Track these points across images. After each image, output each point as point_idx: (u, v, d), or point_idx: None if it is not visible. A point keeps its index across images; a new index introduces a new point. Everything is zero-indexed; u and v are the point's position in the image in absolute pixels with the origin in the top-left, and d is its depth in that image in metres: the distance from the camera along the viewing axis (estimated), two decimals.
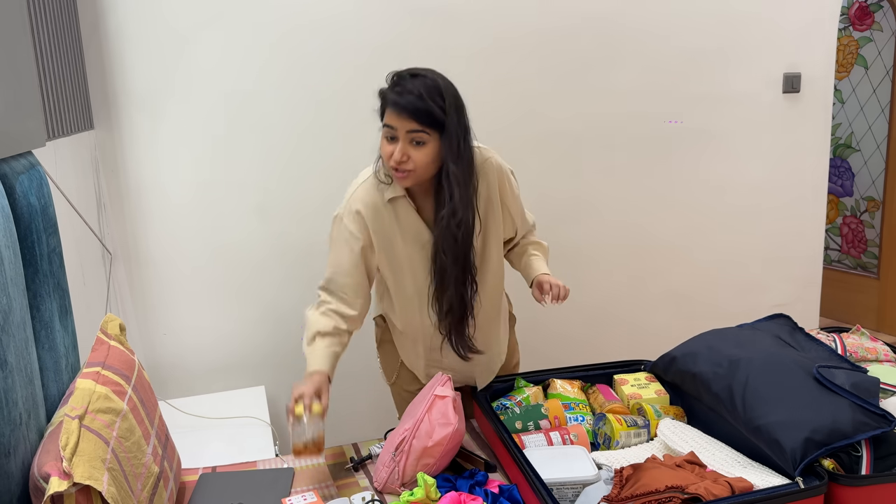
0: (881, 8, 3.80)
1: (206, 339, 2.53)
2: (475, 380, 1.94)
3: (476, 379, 1.93)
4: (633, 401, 1.80)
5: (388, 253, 1.75)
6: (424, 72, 1.64)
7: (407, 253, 1.74)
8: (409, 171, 1.62)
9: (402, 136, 1.60)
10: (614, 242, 2.90)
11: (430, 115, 1.58)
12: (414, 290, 1.78)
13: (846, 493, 1.38)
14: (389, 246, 1.74)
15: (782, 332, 1.85)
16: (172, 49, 2.31)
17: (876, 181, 3.94)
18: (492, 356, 1.92)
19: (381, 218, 1.72)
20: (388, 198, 1.71)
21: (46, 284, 1.43)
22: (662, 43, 2.78)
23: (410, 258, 1.75)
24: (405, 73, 1.64)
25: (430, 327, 1.81)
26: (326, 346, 1.72)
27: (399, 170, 1.63)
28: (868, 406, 1.47)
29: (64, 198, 1.91)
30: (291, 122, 2.46)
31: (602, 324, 2.95)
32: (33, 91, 1.53)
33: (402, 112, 1.58)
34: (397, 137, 1.61)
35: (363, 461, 1.71)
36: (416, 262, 1.75)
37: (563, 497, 1.47)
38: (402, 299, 1.81)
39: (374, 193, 1.72)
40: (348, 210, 1.74)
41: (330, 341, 1.73)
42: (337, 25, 2.43)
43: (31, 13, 1.74)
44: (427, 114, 1.58)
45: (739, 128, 2.95)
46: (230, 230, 2.47)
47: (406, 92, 1.59)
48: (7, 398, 1.16)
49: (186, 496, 1.61)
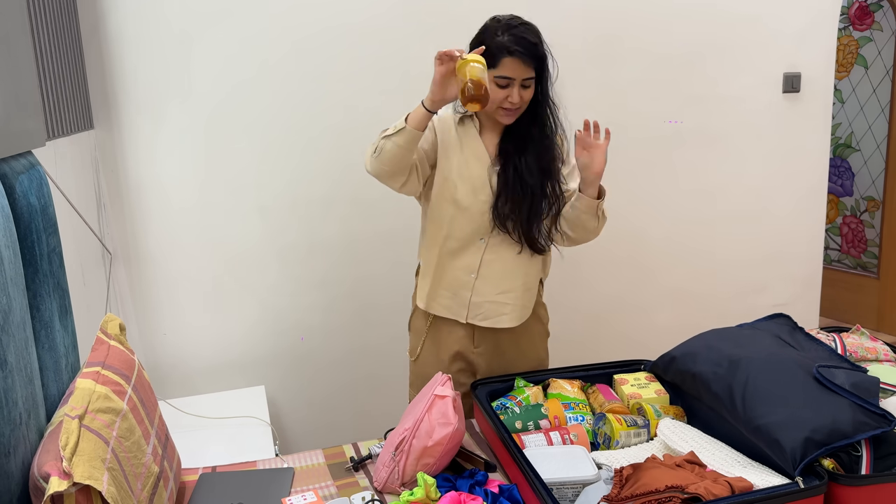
0: (881, 8, 3.81)
1: (206, 339, 2.53)
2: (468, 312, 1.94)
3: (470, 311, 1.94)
4: (632, 401, 1.80)
5: (445, 156, 1.89)
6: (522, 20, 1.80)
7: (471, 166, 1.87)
8: (518, 108, 1.80)
9: (518, 82, 1.76)
10: (614, 242, 2.90)
11: (542, 62, 1.77)
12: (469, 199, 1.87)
13: (846, 492, 1.38)
14: (449, 152, 1.89)
15: (782, 332, 1.85)
16: (172, 49, 2.31)
17: (876, 181, 3.94)
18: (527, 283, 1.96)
19: (447, 129, 1.90)
20: (459, 118, 1.90)
21: (46, 284, 1.43)
22: (662, 43, 2.78)
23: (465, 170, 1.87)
24: (514, 22, 1.77)
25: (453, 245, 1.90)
26: (458, 256, 1.91)
27: (511, 110, 1.79)
28: (868, 406, 1.47)
29: (64, 198, 1.91)
30: (291, 122, 2.46)
31: (602, 324, 2.95)
32: (33, 91, 1.53)
33: (525, 60, 1.74)
34: (512, 84, 1.75)
35: (363, 461, 1.71)
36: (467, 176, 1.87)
37: (563, 497, 1.47)
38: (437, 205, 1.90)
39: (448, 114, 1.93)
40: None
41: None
42: (336, 26, 2.43)
43: (31, 13, 1.75)
44: (541, 61, 1.77)
45: (739, 128, 2.95)
46: (230, 230, 2.47)
47: (523, 41, 1.73)
48: (7, 398, 1.16)
49: (186, 496, 1.61)
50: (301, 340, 2.62)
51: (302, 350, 2.62)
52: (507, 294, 1.92)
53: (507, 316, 1.93)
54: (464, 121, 1.91)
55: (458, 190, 1.87)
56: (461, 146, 1.90)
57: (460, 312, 1.95)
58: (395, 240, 2.62)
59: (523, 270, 1.93)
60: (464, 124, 1.91)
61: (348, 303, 2.64)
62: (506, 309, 1.93)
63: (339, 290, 2.62)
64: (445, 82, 1.70)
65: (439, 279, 1.94)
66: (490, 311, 1.93)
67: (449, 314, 1.96)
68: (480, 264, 1.91)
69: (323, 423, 2.68)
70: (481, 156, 1.89)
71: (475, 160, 1.88)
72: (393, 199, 2.61)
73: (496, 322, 1.93)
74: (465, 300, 1.93)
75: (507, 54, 1.73)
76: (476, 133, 1.90)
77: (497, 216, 1.86)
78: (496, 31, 1.77)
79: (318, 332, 2.63)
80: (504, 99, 1.77)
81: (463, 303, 1.93)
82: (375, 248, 2.63)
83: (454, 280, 1.93)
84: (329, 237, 2.57)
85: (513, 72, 1.74)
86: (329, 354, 2.65)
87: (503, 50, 1.73)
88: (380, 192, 2.59)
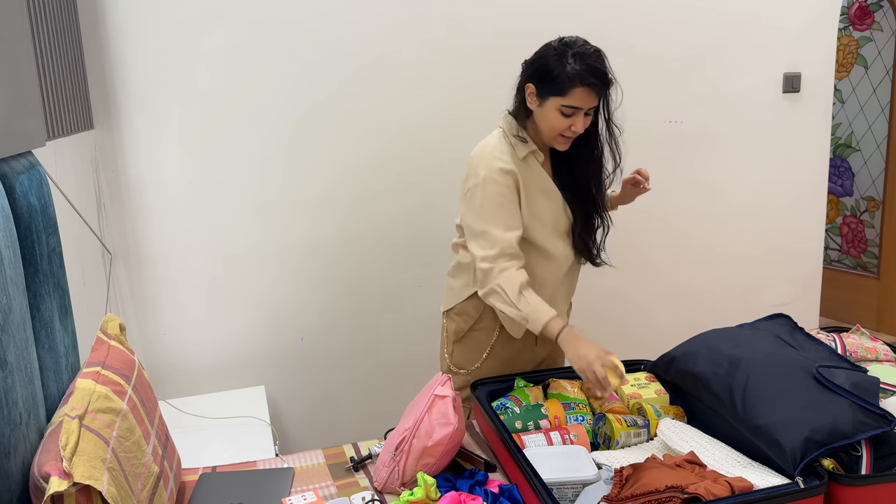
0: (881, 8, 3.81)
1: (206, 338, 2.53)
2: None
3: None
4: (633, 401, 1.80)
5: (528, 205, 1.83)
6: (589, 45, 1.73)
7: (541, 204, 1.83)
8: (573, 137, 1.77)
9: (583, 111, 1.72)
10: (614, 242, 2.88)
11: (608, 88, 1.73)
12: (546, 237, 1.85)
13: (846, 492, 1.38)
14: (528, 198, 1.82)
15: (782, 332, 1.84)
16: (172, 49, 2.31)
17: (876, 181, 3.94)
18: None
19: (522, 172, 1.80)
20: (523, 155, 1.80)
21: (46, 284, 1.43)
22: (662, 43, 2.78)
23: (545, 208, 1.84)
24: (588, 49, 1.70)
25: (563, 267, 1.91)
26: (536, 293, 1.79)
27: (569, 137, 1.76)
28: (868, 406, 1.46)
29: (64, 198, 1.91)
30: (291, 122, 2.46)
31: (602, 323, 2.95)
32: (33, 91, 1.53)
33: (598, 92, 1.70)
34: (577, 112, 1.71)
35: (363, 461, 1.71)
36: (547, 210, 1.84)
37: (563, 497, 1.47)
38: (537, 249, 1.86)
39: (508, 152, 1.79)
40: (493, 170, 1.77)
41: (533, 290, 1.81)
42: (336, 26, 2.44)
43: (31, 13, 1.75)
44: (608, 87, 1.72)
45: (739, 128, 2.95)
46: (230, 230, 2.47)
47: (597, 72, 1.68)
48: (7, 398, 1.16)
49: (186, 496, 1.61)
50: (301, 340, 2.62)
51: (302, 350, 2.62)
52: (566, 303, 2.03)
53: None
54: (527, 157, 1.81)
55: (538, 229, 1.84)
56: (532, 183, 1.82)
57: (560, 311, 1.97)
58: (396, 240, 2.62)
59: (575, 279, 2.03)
60: (527, 160, 1.81)
61: (348, 303, 2.64)
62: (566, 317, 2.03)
63: (339, 290, 2.63)
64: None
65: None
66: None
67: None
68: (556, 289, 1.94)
69: (323, 423, 2.68)
70: (552, 192, 1.84)
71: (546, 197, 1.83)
72: (393, 199, 2.62)
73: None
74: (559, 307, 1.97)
75: (579, 84, 1.67)
76: (540, 166, 1.83)
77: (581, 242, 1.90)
78: (566, 57, 1.69)
79: (318, 332, 2.63)
80: (567, 128, 1.73)
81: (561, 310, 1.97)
82: (375, 248, 2.63)
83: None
84: (329, 237, 2.57)
85: (582, 102, 1.70)
86: (329, 354, 2.65)
87: (575, 80, 1.67)
88: (380, 193, 2.60)
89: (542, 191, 1.83)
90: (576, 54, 1.68)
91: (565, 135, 1.75)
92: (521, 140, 1.79)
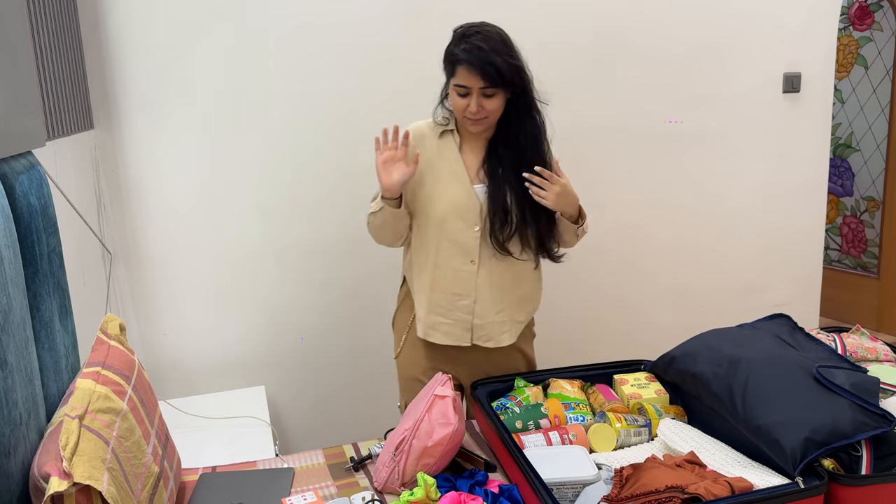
0: (881, 8, 3.80)
1: (206, 338, 2.53)
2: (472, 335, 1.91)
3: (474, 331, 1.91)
4: (633, 400, 1.80)
5: (418, 181, 1.85)
6: (485, 26, 1.77)
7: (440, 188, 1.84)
8: (483, 118, 1.77)
9: (475, 91, 1.73)
10: (614, 242, 2.90)
11: (499, 72, 1.70)
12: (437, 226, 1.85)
13: (846, 493, 1.38)
14: (421, 176, 1.85)
15: (782, 332, 1.84)
16: (172, 49, 2.31)
17: (876, 181, 3.94)
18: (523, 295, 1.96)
19: (424, 145, 1.86)
20: (440, 132, 1.87)
21: (46, 284, 1.43)
22: (662, 43, 2.78)
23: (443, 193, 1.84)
24: (472, 30, 1.75)
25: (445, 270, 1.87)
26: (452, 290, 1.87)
27: (474, 119, 1.77)
28: (868, 406, 1.46)
29: (64, 198, 1.91)
30: (291, 122, 2.46)
31: (602, 323, 2.95)
32: (33, 91, 1.53)
33: (475, 71, 1.70)
34: (470, 93, 1.73)
35: (363, 461, 1.71)
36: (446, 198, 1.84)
37: (563, 497, 1.47)
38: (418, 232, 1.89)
39: (426, 126, 1.89)
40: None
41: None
42: (337, 26, 2.43)
43: (31, 13, 1.75)
44: (499, 71, 1.70)
45: (739, 128, 2.95)
46: (230, 230, 2.47)
47: (475, 50, 1.70)
48: (7, 398, 1.16)
49: (186, 496, 1.61)
50: (301, 341, 2.62)
51: (302, 350, 2.62)
52: (504, 311, 1.90)
53: (508, 333, 1.92)
54: (444, 135, 1.88)
55: (438, 210, 1.84)
56: (439, 163, 1.86)
57: (464, 337, 1.91)
58: None
59: (517, 284, 1.91)
60: (443, 138, 1.87)
61: (348, 303, 2.64)
62: (504, 327, 1.91)
63: (339, 291, 2.62)
64: (388, 169, 1.75)
65: (437, 307, 1.89)
66: (492, 331, 1.91)
67: (451, 341, 1.91)
68: (477, 287, 1.88)
69: (323, 423, 2.68)
70: (460, 175, 1.85)
71: (454, 179, 1.85)
72: None
73: (498, 342, 1.92)
74: (468, 323, 1.90)
75: (460, 63, 1.73)
76: (455, 149, 1.86)
77: (495, 241, 1.84)
78: (454, 40, 1.77)
79: (319, 333, 2.63)
80: (465, 108, 1.76)
81: (466, 327, 1.90)
82: (375, 249, 2.62)
83: (452, 306, 1.88)
84: (329, 238, 2.57)
85: (467, 81, 1.73)
86: (329, 355, 2.65)
87: (459, 59, 1.73)
88: None
89: (450, 172, 1.86)
90: (461, 35, 1.75)
91: (467, 116, 1.77)
92: (443, 121, 1.88)
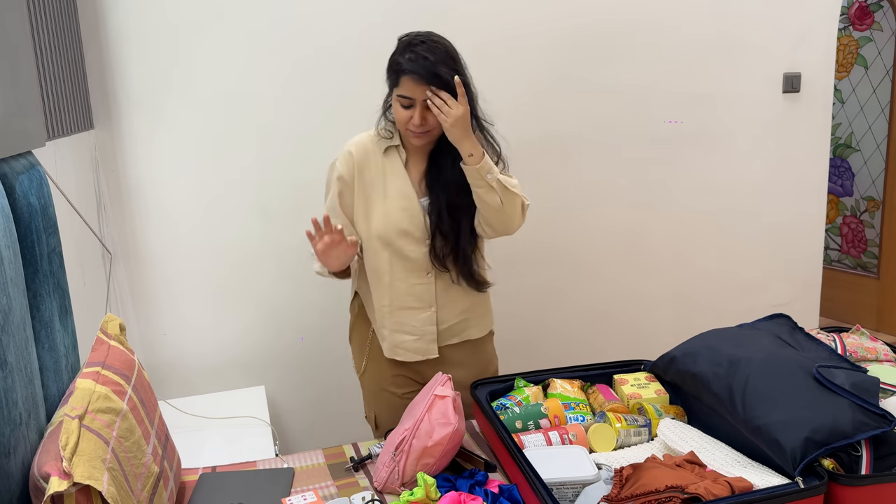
0: (881, 8, 3.80)
1: (206, 338, 2.53)
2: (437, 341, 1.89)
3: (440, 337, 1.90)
4: (633, 400, 1.80)
5: (366, 200, 1.82)
6: (431, 37, 1.72)
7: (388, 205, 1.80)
8: (426, 131, 1.73)
9: (419, 103, 1.69)
10: (614, 242, 2.90)
11: (445, 83, 1.66)
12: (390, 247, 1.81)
13: (846, 492, 1.38)
14: (369, 194, 1.81)
15: (782, 332, 1.84)
16: (172, 49, 2.31)
17: (876, 181, 3.94)
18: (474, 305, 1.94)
19: (369, 164, 1.81)
20: (384, 148, 1.81)
21: (46, 284, 1.43)
22: (662, 42, 2.78)
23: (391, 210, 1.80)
24: (417, 40, 1.70)
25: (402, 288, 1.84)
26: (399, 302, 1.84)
27: (416, 132, 1.72)
28: (868, 406, 1.46)
29: (64, 198, 1.91)
30: (291, 122, 2.46)
31: (602, 324, 2.95)
32: (33, 91, 1.53)
33: (420, 81, 1.66)
34: (414, 104, 1.69)
35: (363, 461, 1.71)
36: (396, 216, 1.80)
37: (563, 497, 1.47)
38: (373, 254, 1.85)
39: (368, 144, 1.83)
40: (341, 156, 1.84)
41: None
42: (337, 27, 2.44)
43: (31, 13, 1.75)
44: (443, 82, 1.66)
45: (739, 128, 2.95)
46: (230, 230, 2.47)
47: (420, 60, 1.66)
48: (7, 398, 1.16)
49: (186, 496, 1.61)
50: (301, 340, 2.62)
51: (302, 350, 2.62)
52: (468, 310, 1.91)
53: (475, 328, 1.94)
54: (389, 150, 1.81)
55: (389, 231, 1.80)
56: (385, 181, 1.81)
57: (430, 349, 1.89)
58: None
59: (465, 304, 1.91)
60: (388, 154, 1.82)
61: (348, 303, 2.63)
62: (471, 322, 1.93)
63: (338, 290, 2.62)
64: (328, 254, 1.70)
65: (400, 325, 1.87)
66: (458, 329, 1.92)
67: (419, 356, 1.89)
68: (436, 295, 1.86)
69: (323, 423, 2.68)
70: (408, 193, 1.80)
71: (402, 198, 1.80)
72: None
73: (467, 335, 1.93)
74: (433, 334, 1.88)
75: (405, 73, 1.67)
76: (401, 165, 1.81)
77: (435, 257, 1.81)
78: (398, 49, 1.72)
79: (318, 332, 2.62)
80: (408, 120, 1.70)
81: (431, 338, 1.88)
82: None
83: (415, 321, 1.86)
84: None
85: (411, 92, 1.68)
86: (329, 354, 2.65)
87: (403, 69, 1.67)
88: None
89: (397, 191, 1.80)
90: (406, 45, 1.70)
91: (409, 128, 1.72)
92: (386, 134, 1.82)
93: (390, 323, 1.88)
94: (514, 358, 2.31)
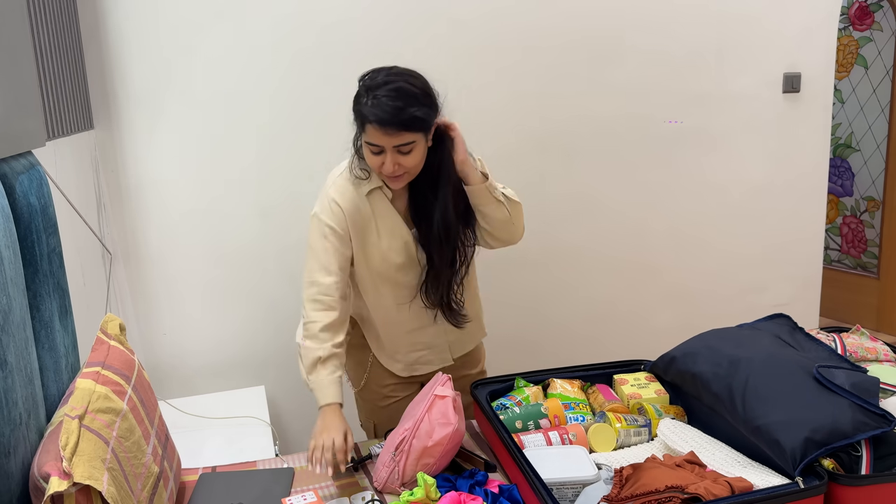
0: (881, 8, 3.81)
1: (207, 338, 2.53)
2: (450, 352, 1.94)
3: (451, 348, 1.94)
4: (633, 400, 1.80)
5: (364, 246, 1.76)
6: (392, 75, 1.60)
7: (383, 246, 1.76)
8: (401, 175, 1.65)
9: (389, 149, 1.59)
10: (614, 242, 2.90)
11: (412, 126, 1.57)
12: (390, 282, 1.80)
13: (846, 493, 1.38)
14: (365, 239, 1.76)
15: (782, 332, 1.84)
16: (172, 49, 2.31)
17: (876, 181, 3.94)
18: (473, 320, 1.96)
19: (358, 211, 1.73)
20: (367, 191, 1.73)
21: (46, 284, 1.43)
22: (662, 43, 2.78)
23: (387, 251, 1.76)
24: (378, 81, 1.58)
25: (408, 312, 1.84)
26: (329, 373, 1.67)
27: (391, 177, 1.66)
28: (868, 406, 1.46)
29: (64, 198, 1.91)
30: (291, 122, 2.46)
31: (602, 323, 2.95)
32: (33, 91, 1.53)
33: (386, 129, 1.55)
34: (384, 151, 1.60)
35: (363, 461, 1.71)
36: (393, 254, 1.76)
37: (563, 497, 1.47)
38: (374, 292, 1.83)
39: (350, 188, 1.73)
40: (324, 206, 1.74)
41: (331, 367, 1.68)
42: (336, 26, 2.43)
43: (31, 13, 1.74)
44: (410, 125, 1.57)
45: (739, 128, 2.95)
46: (230, 230, 2.47)
47: (384, 108, 1.54)
48: (7, 398, 1.16)
49: (186, 496, 1.61)
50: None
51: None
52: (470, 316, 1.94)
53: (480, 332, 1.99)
54: (373, 192, 1.73)
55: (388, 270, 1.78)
56: (377, 223, 1.74)
57: (446, 357, 1.94)
58: None
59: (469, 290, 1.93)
60: (372, 196, 1.73)
61: None
62: (472, 327, 1.95)
63: None
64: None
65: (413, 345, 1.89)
66: (466, 339, 1.96)
67: (437, 365, 1.93)
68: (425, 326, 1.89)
69: None
70: (399, 230, 1.75)
71: (395, 237, 1.75)
72: None
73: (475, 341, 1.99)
74: (445, 343, 1.93)
75: (369, 121, 1.56)
76: (387, 202, 1.74)
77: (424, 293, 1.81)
78: (360, 94, 1.60)
79: None
80: (380, 166, 1.62)
81: (444, 346, 1.93)
82: None
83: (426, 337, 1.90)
84: None
85: (378, 140, 1.57)
86: None
87: (367, 116, 1.56)
88: None
89: (389, 231, 1.75)
90: (366, 88, 1.58)
91: (383, 174, 1.64)
92: (363, 175, 1.72)
93: (405, 345, 1.90)
94: (514, 358, 2.32)
